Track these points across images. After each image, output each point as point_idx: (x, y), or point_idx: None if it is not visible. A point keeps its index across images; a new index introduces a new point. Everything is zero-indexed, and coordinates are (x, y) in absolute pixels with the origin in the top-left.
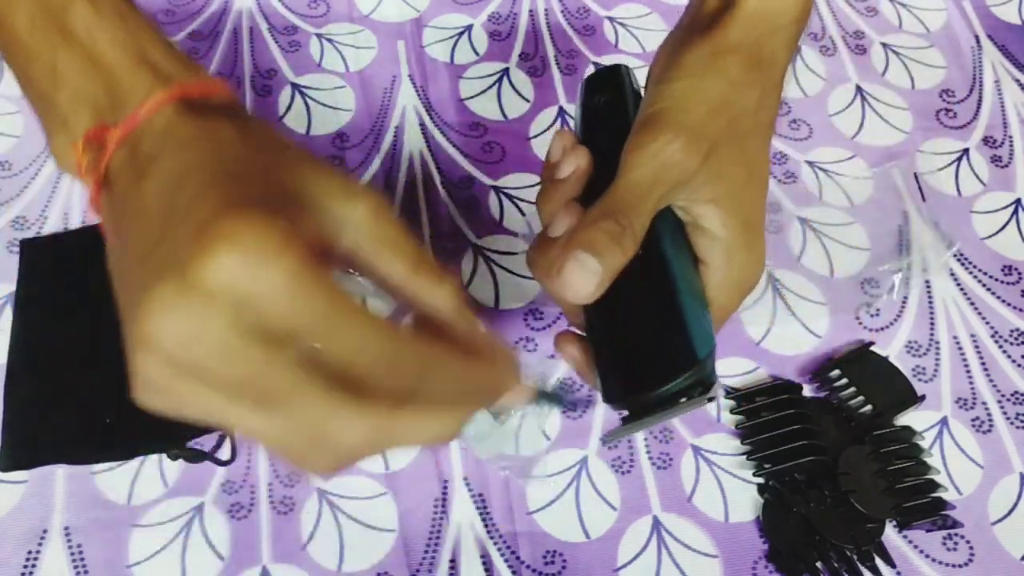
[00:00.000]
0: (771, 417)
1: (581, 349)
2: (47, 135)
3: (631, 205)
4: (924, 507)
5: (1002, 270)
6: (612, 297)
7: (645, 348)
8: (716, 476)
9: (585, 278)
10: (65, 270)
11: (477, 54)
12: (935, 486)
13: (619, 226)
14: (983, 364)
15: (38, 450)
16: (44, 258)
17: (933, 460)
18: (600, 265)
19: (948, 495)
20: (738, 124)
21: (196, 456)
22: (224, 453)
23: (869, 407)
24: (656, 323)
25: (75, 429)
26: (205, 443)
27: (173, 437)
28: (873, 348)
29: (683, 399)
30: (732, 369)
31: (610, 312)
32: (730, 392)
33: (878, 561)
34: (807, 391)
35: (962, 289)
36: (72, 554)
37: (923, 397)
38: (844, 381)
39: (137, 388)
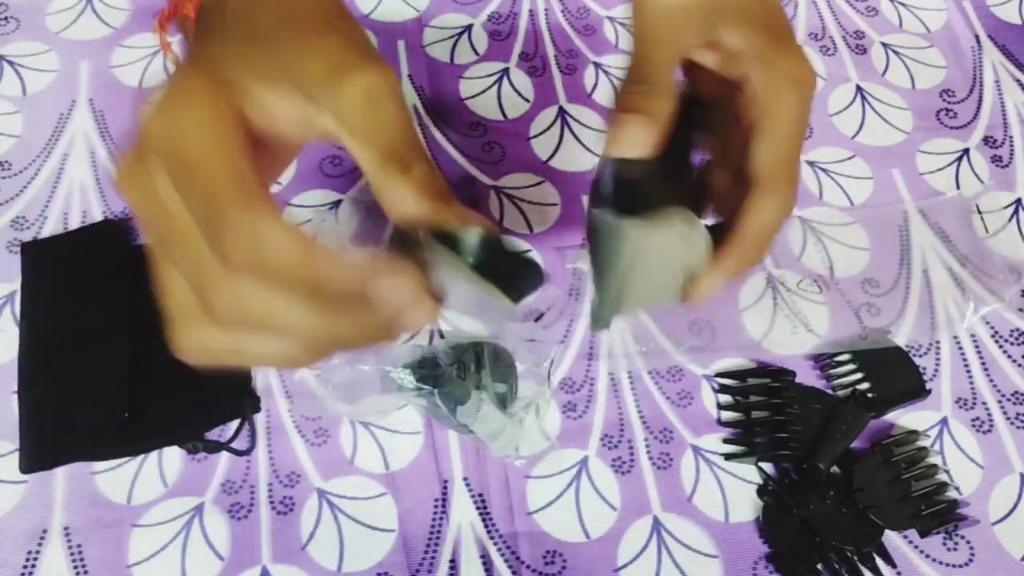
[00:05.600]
0: (745, 403)
1: None
2: None
3: (646, 66)
4: (941, 512)
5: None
6: None
7: None
8: (716, 476)
9: (638, 131)
10: (67, 270)
11: (477, 54)
12: (946, 487)
13: (644, 87)
14: (983, 364)
15: (57, 450)
16: (46, 259)
17: (938, 459)
18: (646, 119)
19: (951, 495)
20: None
21: (213, 447)
22: (241, 443)
23: (871, 393)
24: None
25: (92, 426)
26: (222, 434)
27: (190, 428)
28: (890, 336)
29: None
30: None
31: None
32: (721, 387)
33: (879, 562)
34: (812, 378)
35: (963, 290)
36: (72, 554)
37: (929, 391)
38: (851, 366)
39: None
